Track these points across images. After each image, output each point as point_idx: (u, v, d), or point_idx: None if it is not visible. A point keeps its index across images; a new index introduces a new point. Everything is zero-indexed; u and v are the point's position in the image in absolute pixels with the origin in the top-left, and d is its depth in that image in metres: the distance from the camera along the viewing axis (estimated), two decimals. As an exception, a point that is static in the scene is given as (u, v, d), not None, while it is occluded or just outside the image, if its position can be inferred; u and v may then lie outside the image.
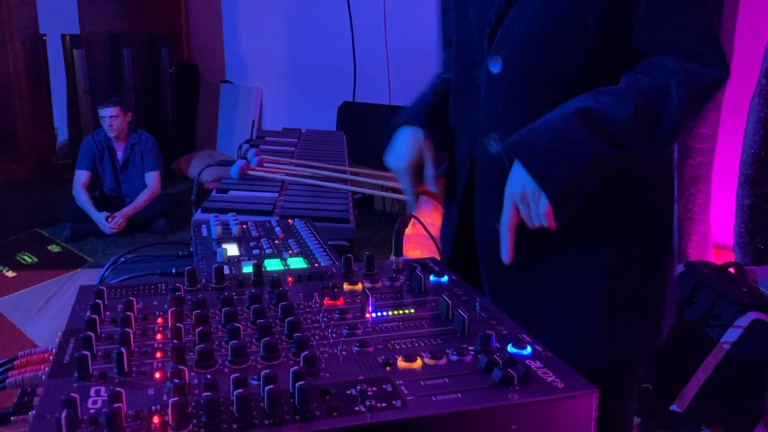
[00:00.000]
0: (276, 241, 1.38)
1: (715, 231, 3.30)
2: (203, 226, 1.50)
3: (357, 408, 0.66)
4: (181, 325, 0.84)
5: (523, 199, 1.06)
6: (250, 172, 2.25)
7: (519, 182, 1.06)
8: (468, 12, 1.19)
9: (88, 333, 0.80)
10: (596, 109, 1.02)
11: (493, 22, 1.12)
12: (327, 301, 0.94)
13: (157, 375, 0.74)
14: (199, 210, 1.85)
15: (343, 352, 0.79)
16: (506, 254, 1.10)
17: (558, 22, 1.07)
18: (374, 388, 0.70)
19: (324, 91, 5.65)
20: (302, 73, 5.96)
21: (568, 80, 1.09)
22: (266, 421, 0.64)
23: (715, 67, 1.04)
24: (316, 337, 0.83)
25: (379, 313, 0.90)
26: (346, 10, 5.26)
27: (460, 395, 0.69)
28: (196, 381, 0.72)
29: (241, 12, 6.52)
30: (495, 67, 1.14)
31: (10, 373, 0.85)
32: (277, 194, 2.06)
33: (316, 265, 1.23)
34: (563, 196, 1.03)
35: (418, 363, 0.75)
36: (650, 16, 1.05)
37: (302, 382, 0.66)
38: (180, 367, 0.72)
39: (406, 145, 1.26)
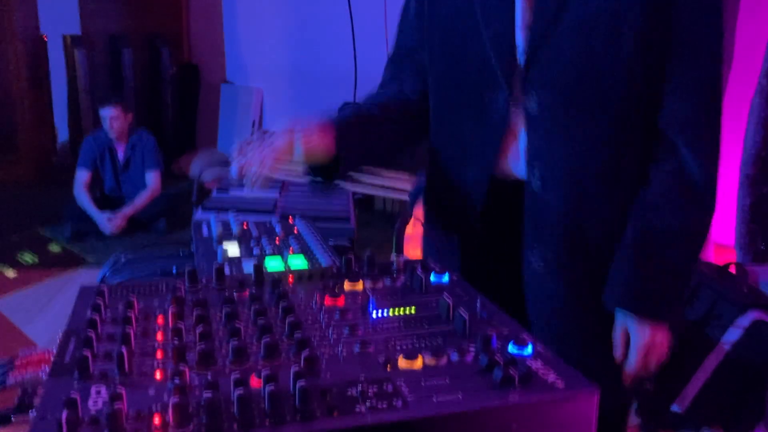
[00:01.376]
0: (276, 241, 1.37)
1: (716, 231, 3.29)
2: (204, 225, 1.50)
3: (357, 408, 0.66)
4: (182, 325, 0.84)
5: (653, 347, 1.17)
6: (250, 172, 2.25)
7: (645, 333, 1.16)
8: (480, 36, 1.16)
9: (88, 333, 0.80)
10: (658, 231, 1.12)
11: (529, 52, 1.11)
12: (327, 301, 0.94)
13: (158, 375, 0.74)
14: (200, 209, 1.85)
15: (344, 352, 0.79)
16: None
17: (594, 56, 1.08)
18: (375, 388, 0.70)
19: (324, 91, 5.64)
20: (303, 73, 5.95)
21: (606, 111, 1.11)
22: (267, 421, 0.64)
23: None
24: (317, 337, 0.83)
25: (379, 313, 0.90)
26: (347, 11, 5.25)
27: (460, 395, 0.69)
28: (196, 381, 0.72)
29: (241, 12, 6.52)
30: (532, 105, 1.13)
31: (10, 373, 0.85)
32: (277, 194, 2.06)
33: (317, 264, 1.22)
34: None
35: (418, 363, 0.75)
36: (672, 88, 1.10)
37: (303, 382, 0.66)
38: (181, 367, 0.72)
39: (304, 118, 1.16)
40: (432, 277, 1.03)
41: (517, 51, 1.14)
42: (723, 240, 3.27)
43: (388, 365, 0.75)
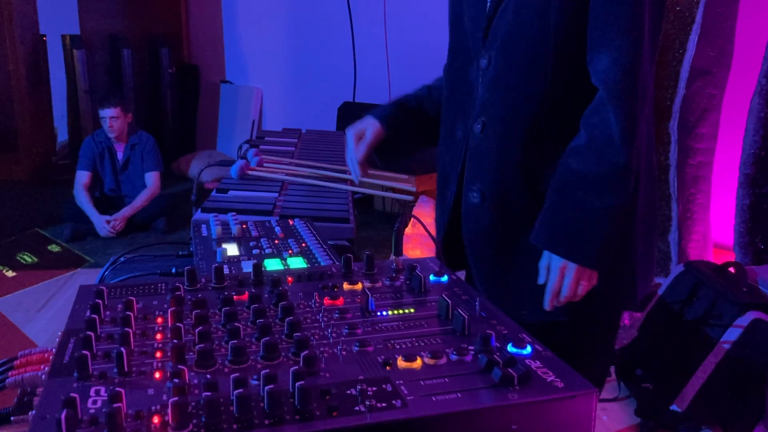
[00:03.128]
0: (276, 241, 1.38)
1: (715, 231, 3.30)
2: (203, 226, 1.50)
3: (357, 408, 0.66)
4: (181, 325, 0.84)
5: (562, 272, 1.22)
6: (250, 172, 2.25)
7: (557, 269, 1.22)
8: (463, 20, 1.36)
9: (87, 333, 0.80)
10: (579, 174, 1.20)
11: (484, 26, 1.30)
12: (327, 301, 0.94)
13: (157, 375, 0.74)
14: (199, 210, 1.85)
15: (343, 352, 0.79)
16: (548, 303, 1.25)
17: (527, 24, 1.24)
18: (374, 388, 0.70)
19: (324, 91, 5.64)
20: (302, 73, 5.96)
21: (541, 74, 1.25)
22: (266, 421, 0.64)
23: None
24: (316, 336, 0.83)
25: (379, 313, 0.90)
26: (346, 10, 5.25)
27: (460, 395, 0.69)
28: (195, 381, 0.72)
29: (241, 12, 6.52)
30: (483, 63, 1.31)
31: (10, 373, 0.85)
32: (277, 194, 2.06)
33: (316, 265, 1.23)
34: (604, 263, 1.21)
35: (418, 363, 0.75)
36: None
37: (302, 382, 0.66)
38: (180, 366, 0.72)
39: (362, 121, 1.52)
40: (431, 277, 1.03)
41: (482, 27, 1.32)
42: (723, 240, 3.27)
43: (388, 365, 0.75)
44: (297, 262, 1.24)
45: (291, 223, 1.52)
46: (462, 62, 1.38)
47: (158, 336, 0.84)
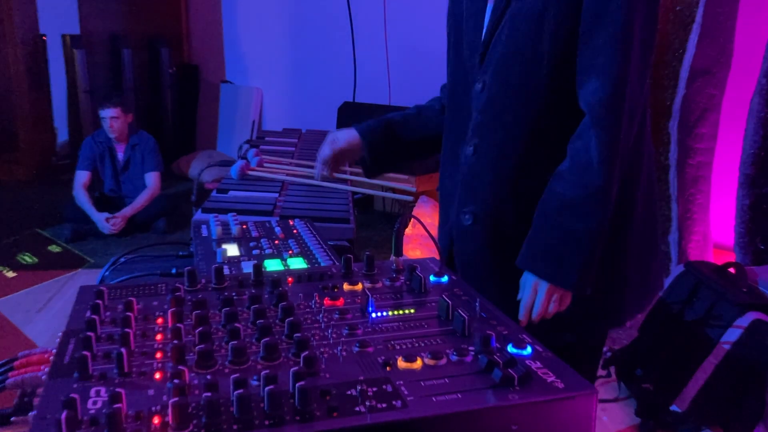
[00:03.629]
0: (276, 242, 1.37)
1: (715, 231, 3.30)
2: (203, 226, 1.50)
3: (357, 408, 0.66)
4: (181, 326, 0.84)
5: (535, 289, 1.24)
6: (250, 173, 2.25)
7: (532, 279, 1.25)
8: (462, 46, 1.38)
9: (88, 333, 0.80)
10: (561, 200, 1.21)
11: (481, 51, 1.32)
12: (327, 302, 0.94)
13: (157, 375, 0.74)
14: (199, 210, 1.85)
15: (343, 353, 0.79)
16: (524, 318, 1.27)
17: (520, 49, 1.25)
18: (374, 389, 0.70)
19: (324, 91, 5.64)
20: (302, 73, 5.95)
21: (534, 98, 1.26)
22: (266, 422, 0.64)
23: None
24: (316, 337, 0.83)
25: (379, 314, 0.90)
26: (346, 11, 5.25)
27: (460, 396, 0.69)
28: (196, 381, 0.72)
29: (241, 12, 6.52)
30: (478, 87, 1.33)
31: (10, 374, 0.85)
32: (277, 194, 2.06)
33: (316, 265, 1.23)
34: (580, 284, 1.22)
35: (418, 363, 0.75)
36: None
37: (302, 383, 0.66)
38: (180, 367, 0.72)
39: (342, 131, 1.60)
40: (431, 278, 1.03)
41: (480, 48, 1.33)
42: (723, 240, 3.27)
43: (388, 366, 0.75)
44: (297, 263, 1.24)
45: (291, 223, 1.52)
46: (463, 87, 1.38)
47: (158, 337, 0.84)
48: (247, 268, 1.19)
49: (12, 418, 0.78)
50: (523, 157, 1.28)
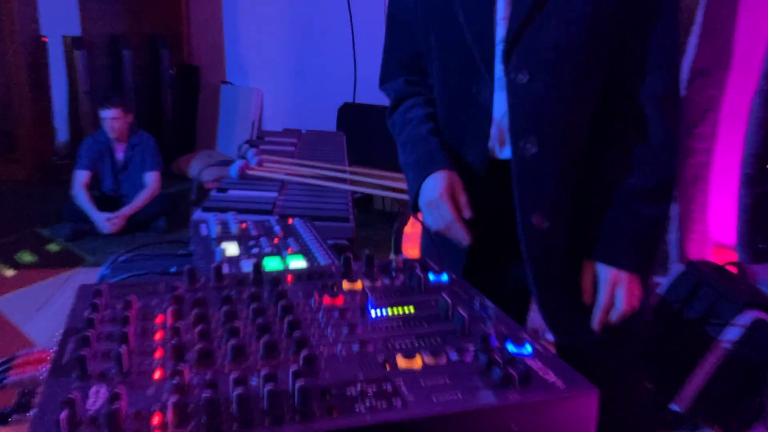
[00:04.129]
0: (275, 240, 1.37)
1: (716, 231, 3.29)
2: (202, 225, 1.50)
3: (357, 408, 0.66)
4: (181, 324, 0.83)
5: (617, 288, 1.23)
6: (249, 172, 2.25)
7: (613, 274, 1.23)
8: (463, 36, 1.26)
9: (87, 332, 0.80)
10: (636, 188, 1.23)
11: (510, 39, 1.21)
12: (326, 300, 0.94)
13: (157, 374, 0.74)
14: (199, 209, 1.85)
15: (343, 352, 0.79)
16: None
17: (577, 39, 1.18)
18: (374, 388, 0.70)
19: (324, 92, 5.64)
20: (302, 74, 5.95)
21: (591, 81, 1.22)
22: (266, 421, 0.64)
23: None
24: (316, 336, 0.83)
25: (378, 312, 0.90)
26: (347, 11, 5.25)
27: (460, 395, 0.69)
28: (195, 380, 0.72)
29: (241, 13, 6.52)
30: (523, 78, 1.22)
31: (9, 373, 0.85)
32: (276, 194, 2.06)
33: (316, 264, 1.22)
34: (652, 271, 1.27)
35: (418, 362, 0.75)
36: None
37: (302, 382, 0.66)
38: (180, 366, 0.72)
39: (439, 179, 1.29)
40: (431, 277, 1.03)
41: (495, 42, 1.24)
42: (723, 240, 3.27)
43: (388, 365, 0.75)
44: (297, 262, 1.24)
45: (290, 222, 1.52)
46: (463, 79, 1.29)
47: (158, 335, 0.84)
48: (247, 266, 1.19)
49: (11, 417, 0.78)
50: (585, 152, 1.27)
